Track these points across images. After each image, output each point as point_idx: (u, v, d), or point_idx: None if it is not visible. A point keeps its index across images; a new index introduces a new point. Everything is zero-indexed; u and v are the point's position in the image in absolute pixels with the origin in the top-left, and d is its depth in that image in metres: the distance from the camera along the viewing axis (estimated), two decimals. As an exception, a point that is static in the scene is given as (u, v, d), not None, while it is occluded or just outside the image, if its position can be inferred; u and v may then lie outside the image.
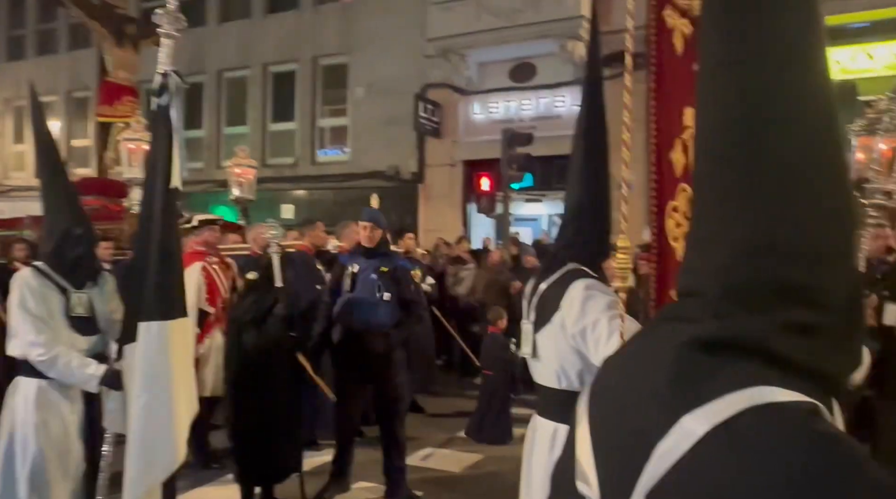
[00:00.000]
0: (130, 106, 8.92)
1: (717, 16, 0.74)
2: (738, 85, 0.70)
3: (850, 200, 0.70)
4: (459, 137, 12.28)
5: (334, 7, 13.89)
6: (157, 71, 2.57)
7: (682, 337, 0.68)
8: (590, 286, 2.01)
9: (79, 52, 16.36)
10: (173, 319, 2.45)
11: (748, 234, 0.67)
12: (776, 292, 0.65)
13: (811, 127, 0.68)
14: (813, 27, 0.71)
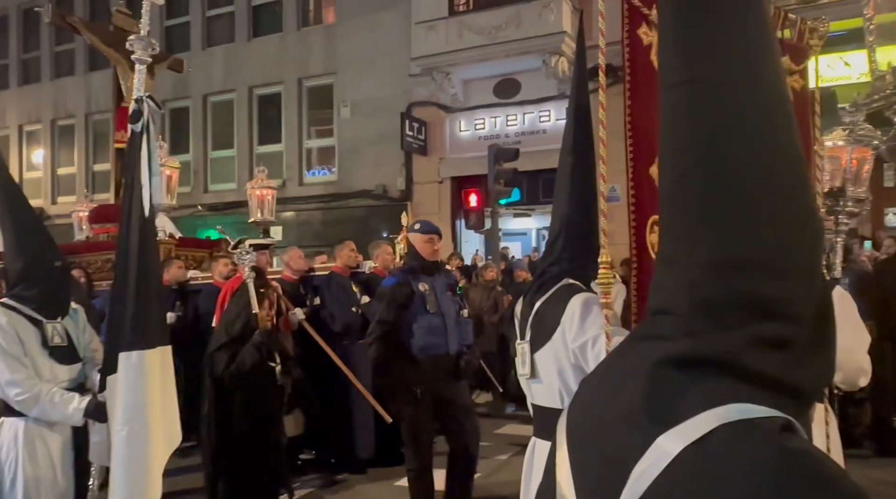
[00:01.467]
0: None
1: (671, 36, 0.74)
2: (693, 104, 0.70)
3: (813, 211, 0.70)
4: (446, 154, 12.33)
5: (318, 29, 13.99)
6: (133, 97, 2.56)
7: (655, 356, 0.67)
8: (588, 301, 1.99)
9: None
10: (153, 348, 2.41)
11: (713, 250, 0.67)
12: (745, 307, 0.65)
13: (769, 142, 0.68)
14: (766, 43, 0.71)
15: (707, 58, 0.70)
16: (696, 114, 0.70)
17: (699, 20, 0.71)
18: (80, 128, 16.57)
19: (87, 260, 6.67)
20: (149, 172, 2.48)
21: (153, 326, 2.45)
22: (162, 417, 2.44)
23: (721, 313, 0.65)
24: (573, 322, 1.96)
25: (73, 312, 2.94)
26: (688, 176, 0.69)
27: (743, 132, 0.68)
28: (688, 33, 0.71)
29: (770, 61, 0.71)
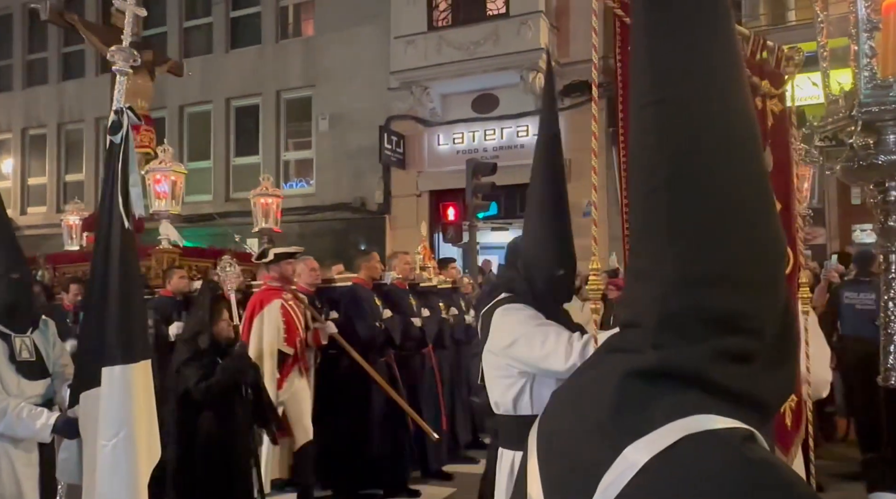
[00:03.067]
0: (148, 136, 8.34)
1: (643, 56, 0.76)
2: (663, 123, 0.72)
3: (776, 228, 0.72)
4: (424, 168, 12.36)
5: (297, 42, 13.97)
6: (112, 108, 2.53)
7: (624, 368, 0.69)
8: (507, 308, 2.09)
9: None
10: (136, 362, 2.36)
11: (679, 265, 0.69)
12: (710, 321, 0.66)
13: (734, 159, 0.70)
14: (734, 64, 0.74)
15: (677, 78, 0.72)
16: (666, 133, 0.72)
17: (670, 41, 0.73)
18: (52, 137, 16.26)
19: (84, 270, 6.46)
20: (128, 182, 2.45)
21: (137, 341, 2.41)
22: (145, 431, 2.40)
23: (687, 327, 0.67)
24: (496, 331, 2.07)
25: (43, 325, 2.88)
26: (657, 193, 0.71)
27: (710, 151, 0.70)
28: (659, 53, 0.73)
29: (738, 82, 0.73)
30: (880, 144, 1.33)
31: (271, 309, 4.47)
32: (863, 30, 1.30)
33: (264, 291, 4.73)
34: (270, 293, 4.60)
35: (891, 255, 1.41)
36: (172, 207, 6.92)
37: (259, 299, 4.62)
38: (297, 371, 4.58)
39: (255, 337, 4.47)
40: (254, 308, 4.58)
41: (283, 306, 4.54)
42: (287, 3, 14.23)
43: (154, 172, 6.99)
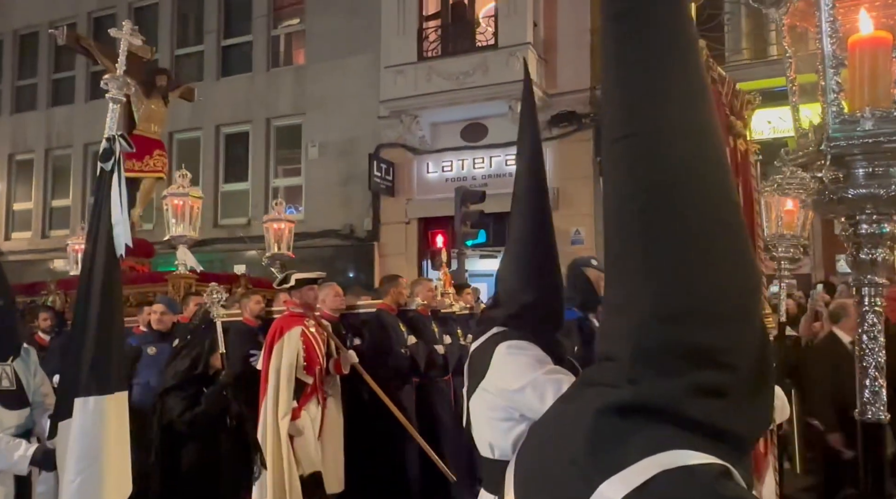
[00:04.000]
0: (161, 160, 8.35)
1: (612, 90, 0.78)
2: (634, 157, 0.74)
3: (750, 261, 0.72)
4: (413, 196, 12.42)
5: (287, 70, 14.10)
6: (104, 135, 2.54)
7: (599, 402, 0.69)
8: (512, 346, 1.90)
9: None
10: (110, 393, 2.33)
11: (653, 299, 0.69)
12: (684, 356, 0.67)
13: (706, 193, 0.71)
14: (704, 98, 0.75)
15: (648, 113, 0.73)
16: (638, 167, 0.72)
17: (641, 75, 0.74)
18: (40, 163, 16.20)
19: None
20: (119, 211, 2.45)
21: (112, 372, 2.38)
22: (115, 466, 2.35)
23: (662, 361, 0.67)
24: (499, 370, 1.88)
25: (24, 353, 2.84)
26: (629, 227, 0.72)
27: (681, 185, 0.71)
28: (630, 88, 0.75)
29: (707, 116, 0.75)
30: (849, 178, 1.36)
31: (291, 336, 4.36)
32: (829, 66, 1.35)
33: (286, 317, 4.62)
34: (292, 320, 4.48)
35: (863, 287, 1.44)
36: (190, 232, 6.77)
37: (280, 326, 4.50)
38: (314, 401, 4.45)
39: (275, 364, 4.35)
40: (274, 334, 4.47)
41: (303, 333, 4.44)
42: (279, 33, 14.40)
43: (172, 196, 6.87)
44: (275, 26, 14.34)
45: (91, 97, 15.17)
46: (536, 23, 11.26)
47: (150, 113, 8.28)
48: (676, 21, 0.76)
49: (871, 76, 1.29)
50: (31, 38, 16.71)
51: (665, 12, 0.75)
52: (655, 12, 0.75)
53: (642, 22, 0.75)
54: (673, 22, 0.75)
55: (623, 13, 0.76)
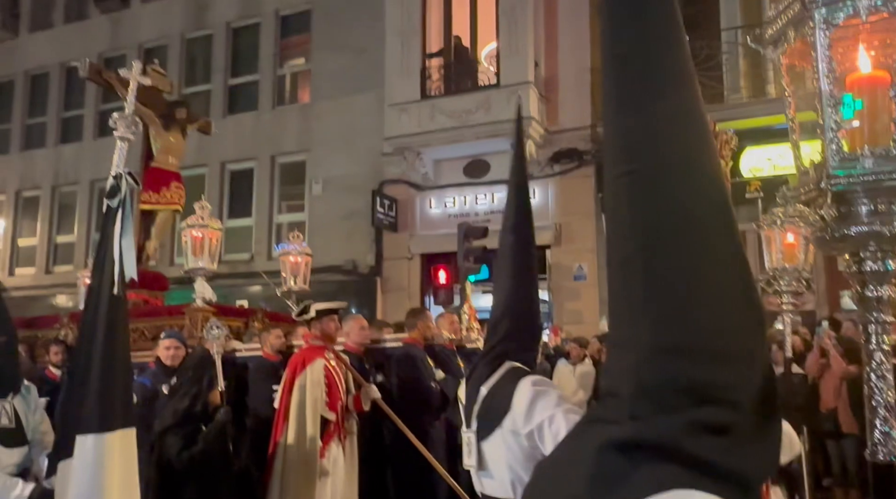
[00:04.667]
0: (178, 192, 8.29)
1: (613, 127, 0.79)
2: (635, 193, 0.74)
3: (752, 299, 0.72)
4: (416, 231, 12.46)
5: (293, 108, 14.33)
6: (111, 173, 2.57)
7: (601, 439, 0.68)
8: (537, 382, 1.90)
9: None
10: (113, 430, 2.29)
11: (654, 334, 0.69)
12: (686, 392, 0.66)
13: (704, 230, 0.71)
14: (704, 133, 0.76)
15: (648, 149, 0.74)
16: (638, 203, 0.73)
17: (641, 113, 0.75)
18: (46, 199, 16.34)
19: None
20: (121, 248, 2.45)
21: (117, 408, 2.35)
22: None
23: (663, 397, 0.66)
24: (522, 406, 1.85)
25: (24, 390, 2.81)
26: (631, 262, 0.72)
27: (682, 221, 0.71)
28: (630, 125, 0.76)
29: (707, 151, 0.75)
30: (851, 216, 1.37)
31: (314, 369, 4.17)
32: (827, 104, 1.37)
33: (306, 349, 4.43)
34: (313, 352, 4.30)
35: (870, 325, 1.43)
36: (209, 265, 6.61)
37: (301, 358, 4.32)
38: (335, 440, 4.25)
39: (297, 399, 4.15)
40: (295, 368, 4.27)
41: (325, 367, 4.25)
42: (285, 72, 14.67)
43: (191, 228, 6.75)
44: (281, 66, 14.63)
45: (99, 135, 15.39)
46: (537, 62, 11.46)
47: (168, 145, 8.24)
48: (676, 62, 0.77)
49: (870, 115, 1.31)
50: (41, 79, 17.05)
51: (664, 53, 0.77)
52: (655, 53, 0.77)
53: (642, 63, 0.76)
54: (672, 63, 0.77)
55: (623, 55, 0.78)
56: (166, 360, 4.74)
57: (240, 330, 6.50)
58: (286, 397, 4.18)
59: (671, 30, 0.77)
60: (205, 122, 8.72)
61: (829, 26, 1.29)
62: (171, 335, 5.05)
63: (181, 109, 8.41)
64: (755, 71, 10.06)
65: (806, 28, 1.35)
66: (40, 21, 17.24)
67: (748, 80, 10.20)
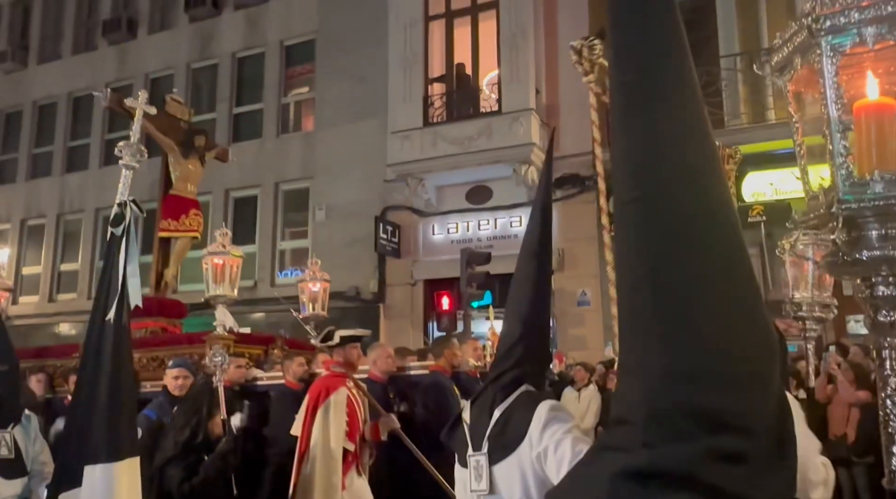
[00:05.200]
0: (196, 220, 8.28)
1: (621, 153, 0.79)
2: (643, 219, 0.74)
3: (764, 323, 0.71)
4: (419, 257, 12.47)
5: (297, 136, 14.46)
6: (116, 201, 2.58)
7: (614, 468, 0.67)
8: (555, 408, 1.90)
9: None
10: (120, 460, 2.27)
11: (664, 361, 0.68)
12: (698, 419, 0.65)
13: (713, 254, 0.71)
14: (712, 158, 0.76)
15: (655, 174, 0.74)
16: (646, 228, 0.73)
17: (648, 141, 0.75)
18: (51, 227, 16.42)
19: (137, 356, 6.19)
20: (125, 275, 2.45)
21: (123, 437, 2.33)
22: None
23: (675, 425, 0.65)
24: (537, 430, 1.83)
25: (25, 420, 2.80)
26: (640, 287, 0.72)
27: (690, 245, 0.71)
28: (638, 153, 0.76)
29: (715, 175, 0.75)
30: (863, 240, 1.37)
31: (338, 399, 4.04)
32: (835, 130, 1.38)
33: (329, 377, 4.29)
34: (336, 380, 4.17)
35: (883, 350, 1.42)
36: (229, 292, 6.53)
37: (324, 386, 4.18)
38: (354, 470, 4.12)
39: (319, 429, 4.02)
40: (318, 396, 4.12)
41: (347, 395, 4.14)
42: (289, 101, 14.84)
43: (212, 255, 6.70)
44: (285, 94, 14.81)
45: (104, 163, 15.52)
46: (538, 89, 11.58)
47: (187, 173, 8.26)
48: (682, 89, 0.77)
49: (879, 140, 1.32)
50: (49, 108, 17.27)
51: (670, 81, 0.77)
52: (661, 81, 0.77)
53: (648, 90, 0.77)
54: (679, 90, 0.77)
55: (629, 82, 0.78)
56: (174, 389, 4.55)
57: (259, 358, 6.36)
58: (308, 424, 4.07)
59: (678, 58, 0.78)
60: (222, 150, 8.80)
61: (835, 54, 1.31)
62: (178, 364, 4.83)
63: (200, 137, 8.47)
64: (755, 96, 10.14)
65: (812, 55, 1.36)
66: (49, 52, 17.54)
67: (748, 105, 10.29)
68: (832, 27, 1.29)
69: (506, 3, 11.56)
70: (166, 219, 8.16)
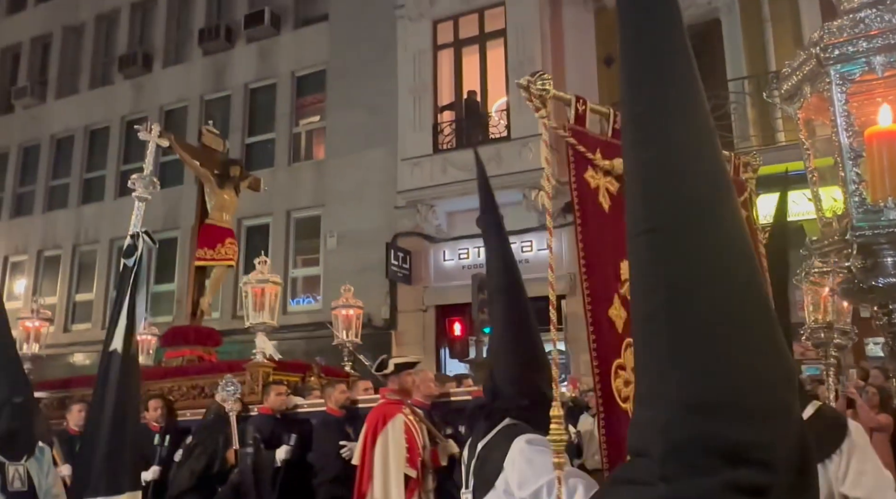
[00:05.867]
0: (232, 248, 8.34)
1: (634, 185, 0.79)
2: (657, 251, 0.74)
3: (782, 351, 0.70)
4: (430, 283, 12.46)
5: (308, 164, 14.62)
6: (129, 232, 2.61)
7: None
8: (532, 441, 1.82)
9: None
10: (121, 493, 2.25)
11: (681, 391, 0.67)
12: (719, 453, 0.64)
13: (731, 283, 0.70)
14: (725, 187, 0.76)
15: (668, 206, 0.74)
16: (660, 260, 0.73)
17: (660, 174, 0.76)
18: (67, 258, 16.62)
19: (168, 387, 6.12)
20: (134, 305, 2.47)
21: (125, 470, 2.32)
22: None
23: (694, 458, 0.64)
24: (517, 466, 1.78)
25: (38, 452, 2.79)
26: (655, 318, 0.71)
27: (705, 276, 0.70)
28: (650, 185, 0.76)
29: (727, 204, 0.75)
30: (878, 267, 1.34)
31: (396, 426, 4.06)
32: (847, 157, 1.37)
33: (385, 405, 4.31)
34: (392, 408, 4.20)
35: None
36: (269, 320, 6.46)
37: (382, 414, 4.18)
38: (417, 496, 4.12)
39: (381, 458, 4.00)
40: (376, 424, 4.12)
41: (405, 422, 4.16)
42: (300, 130, 15.04)
43: (251, 283, 6.66)
44: (296, 124, 15.01)
45: (119, 194, 15.75)
46: (547, 115, 11.66)
47: (222, 203, 8.31)
48: (694, 120, 0.78)
49: (891, 167, 1.30)
50: (66, 142, 17.61)
51: (680, 114, 0.77)
52: (673, 114, 0.77)
53: (659, 123, 0.77)
54: (691, 121, 0.77)
55: (640, 114, 0.79)
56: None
57: (297, 385, 6.28)
58: (368, 454, 4.04)
59: (689, 89, 0.78)
60: (255, 180, 8.93)
61: (845, 82, 1.31)
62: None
63: (235, 167, 8.59)
64: (763, 119, 10.15)
65: (822, 84, 1.36)
66: (67, 87, 17.94)
67: (757, 128, 10.28)
68: (841, 56, 1.29)
69: (513, 32, 11.71)
70: (202, 248, 8.18)
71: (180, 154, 7.90)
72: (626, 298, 1.94)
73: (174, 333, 7.74)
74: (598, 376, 1.90)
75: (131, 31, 17.21)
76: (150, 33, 17.08)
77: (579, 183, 2.08)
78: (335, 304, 7.61)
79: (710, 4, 10.94)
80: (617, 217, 2.03)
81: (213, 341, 7.99)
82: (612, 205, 2.06)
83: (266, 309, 6.40)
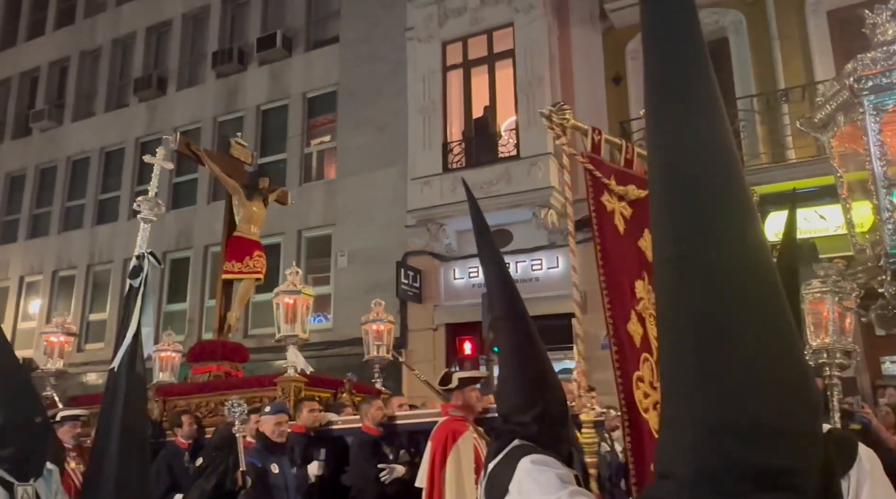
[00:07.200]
0: (260, 261, 8.24)
1: (661, 212, 0.80)
2: (683, 278, 0.74)
3: (807, 375, 0.70)
4: (441, 302, 12.44)
5: (319, 184, 14.73)
6: (135, 253, 2.64)
7: None
8: (536, 461, 1.82)
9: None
10: None
11: (708, 413, 0.67)
12: (747, 477, 0.64)
13: (757, 309, 0.70)
14: (749, 214, 0.76)
15: (694, 234, 0.75)
16: (687, 287, 0.74)
17: (686, 200, 0.76)
18: (81, 278, 16.80)
19: (196, 402, 6.05)
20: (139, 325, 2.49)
21: (132, 492, 2.32)
22: None
23: (723, 482, 0.64)
24: (524, 486, 1.77)
25: (46, 473, 2.80)
26: (683, 343, 0.72)
27: (731, 303, 0.71)
28: (676, 212, 0.77)
29: (753, 229, 0.75)
30: (913, 294, 1.33)
31: (466, 443, 3.91)
32: (881, 186, 1.36)
33: (450, 422, 4.15)
34: (459, 425, 4.06)
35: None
36: (301, 333, 6.33)
37: (450, 430, 4.03)
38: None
39: (454, 477, 3.83)
40: (445, 442, 3.96)
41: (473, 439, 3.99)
42: (311, 151, 15.19)
43: (283, 294, 6.51)
44: (308, 144, 15.16)
45: (132, 215, 15.90)
46: (556, 134, 11.70)
47: (250, 215, 8.26)
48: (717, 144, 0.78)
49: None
50: (82, 163, 17.90)
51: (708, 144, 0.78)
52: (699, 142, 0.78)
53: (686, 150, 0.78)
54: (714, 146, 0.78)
55: (666, 145, 0.79)
56: (276, 436, 4.31)
57: (329, 401, 6.16)
58: (438, 474, 3.89)
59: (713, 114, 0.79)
60: (282, 192, 8.97)
61: (878, 112, 1.32)
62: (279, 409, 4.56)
63: (264, 179, 8.62)
64: (773, 136, 10.12)
65: (855, 114, 1.37)
66: (83, 110, 18.29)
67: (767, 145, 10.25)
68: (875, 87, 1.31)
69: (521, 52, 11.82)
70: (230, 260, 8.09)
71: (210, 166, 7.96)
72: (641, 315, 1.99)
73: (201, 349, 7.66)
74: (621, 386, 1.97)
75: (146, 54, 17.56)
76: (164, 57, 17.41)
77: (597, 206, 2.15)
78: (365, 318, 7.40)
79: (717, 23, 10.99)
80: (631, 239, 2.09)
81: (240, 357, 7.87)
82: (626, 227, 2.13)
83: (298, 322, 6.22)
